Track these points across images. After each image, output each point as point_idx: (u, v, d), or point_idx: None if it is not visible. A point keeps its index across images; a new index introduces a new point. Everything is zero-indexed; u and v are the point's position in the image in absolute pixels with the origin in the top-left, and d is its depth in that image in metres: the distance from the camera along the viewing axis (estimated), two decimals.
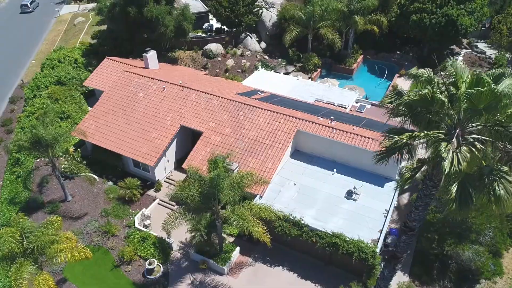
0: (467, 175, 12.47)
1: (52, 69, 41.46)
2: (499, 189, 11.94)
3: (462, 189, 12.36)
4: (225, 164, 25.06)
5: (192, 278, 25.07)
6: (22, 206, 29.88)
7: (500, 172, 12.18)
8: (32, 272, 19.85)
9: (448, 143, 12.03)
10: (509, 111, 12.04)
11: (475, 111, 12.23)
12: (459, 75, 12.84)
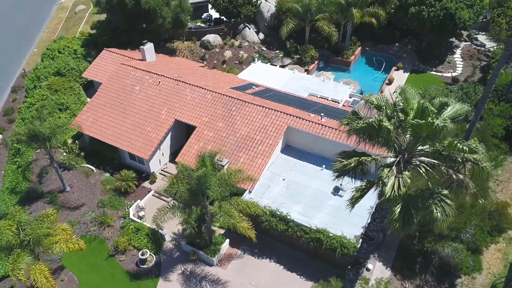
0: (411, 197, 13.16)
1: (52, 60, 42.15)
2: (437, 212, 12.73)
3: (406, 210, 13.09)
4: (216, 160, 25.91)
5: (183, 268, 26.24)
6: (22, 196, 31.09)
7: (440, 195, 12.96)
8: (29, 262, 21.07)
9: (390, 169, 12.70)
10: (446, 142, 12.71)
11: (419, 138, 12.83)
12: (408, 101, 13.38)
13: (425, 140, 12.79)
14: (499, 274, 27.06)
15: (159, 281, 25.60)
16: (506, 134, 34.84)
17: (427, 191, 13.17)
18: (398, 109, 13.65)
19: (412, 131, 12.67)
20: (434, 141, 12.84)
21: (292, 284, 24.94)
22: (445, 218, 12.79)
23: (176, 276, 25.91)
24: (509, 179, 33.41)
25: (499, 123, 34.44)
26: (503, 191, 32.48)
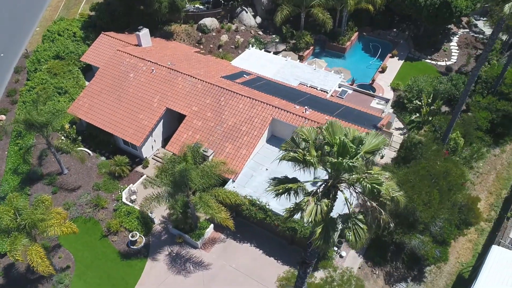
0: (331, 219, 14.49)
1: (52, 42, 43.28)
2: (349, 234, 14.27)
3: (326, 231, 14.50)
4: (201, 150, 27.45)
5: (170, 250, 28.34)
6: (23, 177, 33.16)
7: (355, 219, 14.41)
8: (26, 244, 23.16)
9: (309, 197, 14.01)
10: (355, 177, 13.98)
11: (338, 171, 14.02)
12: (334, 135, 14.42)
13: (340, 173, 14.03)
14: (467, 263, 28.72)
15: (147, 261, 27.80)
16: (491, 127, 35.52)
17: (344, 216, 14.60)
18: (323, 142, 14.79)
19: (330, 166, 13.89)
20: (349, 174, 14.07)
21: (269, 268, 26.91)
22: (358, 239, 14.31)
23: (163, 257, 28.05)
24: (489, 171, 34.42)
25: (484, 116, 35.06)
26: (481, 183, 33.61)
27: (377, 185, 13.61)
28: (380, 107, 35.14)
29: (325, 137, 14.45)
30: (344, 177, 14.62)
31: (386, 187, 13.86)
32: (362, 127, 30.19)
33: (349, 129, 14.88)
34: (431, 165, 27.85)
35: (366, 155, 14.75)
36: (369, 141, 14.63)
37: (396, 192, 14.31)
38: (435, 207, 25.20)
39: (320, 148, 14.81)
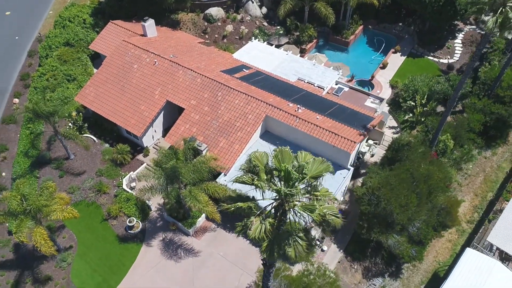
0: (277, 235, 15.95)
1: (62, 29, 44.92)
2: (289, 251, 16.05)
3: (271, 246, 16.01)
4: (196, 145, 29.14)
5: (164, 236, 30.55)
6: (33, 161, 35.54)
7: (296, 236, 15.92)
8: (31, 226, 25.57)
9: (254, 218, 15.50)
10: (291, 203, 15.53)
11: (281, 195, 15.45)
12: (282, 162, 15.66)
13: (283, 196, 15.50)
14: (443, 262, 30.15)
15: (142, 246, 30.11)
16: (485, 129, 36.05)
17: (286, 233, 16.16)
18: (272, 168, 16.10)
19: (275, 190, 15.29)
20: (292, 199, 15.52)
21: (253, 257, 28.83)
22: (297, 254, 15.91)
23: (157, 242, 30.30)
24: (478, 173, 35.23)
25: (477, 118, 35.57)
26: (469, 185, 34.55)
27: (309, 211, 15.05)
28: (374, 106, 35.92)
29: (274, 162, 15.85)
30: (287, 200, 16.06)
31: (318, 213, 15.28)
32: (352, 127, 31.28)
33: (302, 154, 16.39)
34: (415, 168, 28.92)
35: (311, 180, 16.12)
36: (314, 167, 15.97)
37: (333, 215, 15.72)
38: (412, 210, 26.46)
39: (270, 173, 16.22)
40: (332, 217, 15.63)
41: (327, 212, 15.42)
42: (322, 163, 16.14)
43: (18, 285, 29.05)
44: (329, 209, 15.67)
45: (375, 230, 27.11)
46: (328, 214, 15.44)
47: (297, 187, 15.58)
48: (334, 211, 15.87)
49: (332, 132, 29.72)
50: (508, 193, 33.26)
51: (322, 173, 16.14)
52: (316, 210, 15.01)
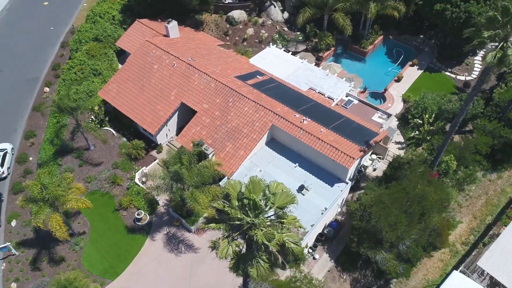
0: (241, 255, 17.41)
1: (93, 24, 47.55)
2: (251, 270, 17.44)
3: (237, 264, 17.49)
4: (203, 148, 31.11)
5: (168, 230, 32.83)
6: (57, 149, 38.54)
7: (258, 258, 17.38)
8: (48, 213, 28.34)
9: (221, 240, 17.00)
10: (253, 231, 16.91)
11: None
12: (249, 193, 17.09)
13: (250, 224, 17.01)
14: (432, 281, 31.01)
15: (147, 238, 32.53)
16: (492, 152, 36.10)
17: (250, 254, 17.66)
18: (243, 197, 17.54)
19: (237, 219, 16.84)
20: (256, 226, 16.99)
21: None
22: (259, 274, 17.38)
23: (161, 235, 32.63)
24: (480, 196, 35.50)
25: (485, 141, 35.65)
26: (469, 207, 34.93)
27: (267, 240, 16.50)
28: (380, 121, 36.62)
29: (244, 192, 17.38)
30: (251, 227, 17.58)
31: (276, 241, 16.70)
32: (354, 143, 32.27)
33: (274, 184, 17.90)
34: (411, 187, 29.74)
35: (277, 209, 17.55)
36: (282, 199, 17.38)
37: (293, 243, 17.12)
38: (402, 229, 27.43)
39: (241, 200, 17.73)
40: (292, 245, 17.08)
41: (287, 240, 16.91)
42: (288, 195, 17.56)
43: (35, 262, 32.16)
44: (290, 237, 17.13)
45: (364, 245, 28.30)
46: (288, 242, 16.93)
47: (261, 216, 17.11)
48: (295, 239, 17.32)
49: (333, 147, 30.86)
50: (507, 218, 33.51)
51: (287, 204, 17.58)
52: (275, 238, 16.51)
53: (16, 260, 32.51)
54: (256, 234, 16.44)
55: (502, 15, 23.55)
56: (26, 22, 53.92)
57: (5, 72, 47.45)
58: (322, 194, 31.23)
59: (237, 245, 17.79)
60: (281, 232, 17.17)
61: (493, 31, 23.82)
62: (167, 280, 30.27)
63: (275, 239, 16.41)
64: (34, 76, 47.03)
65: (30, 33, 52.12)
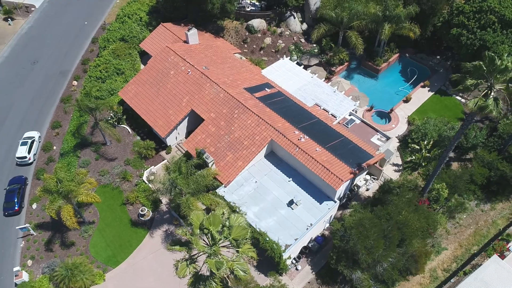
0: (197, 276, 19.59)
1: (121, 24, 50.67)
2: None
3: (194, 283, 19.76)
4: (204, 157, 33.69)
5: (167, 228, 35.86)
6: (78, 142, 42.25)
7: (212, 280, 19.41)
8: (61, 204, 31.89)
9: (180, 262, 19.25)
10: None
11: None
12: (210, 225, 19.09)
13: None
14: None
15: (148, 233, 35.69)
16: (488, 183, 36.62)
17: (204, 277, 19.90)
18: (204, 227, 19.66)
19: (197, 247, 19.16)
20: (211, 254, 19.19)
21: None
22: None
23: (161, 232, 35.71)
24: (469, 225, 36.27)
25: (481, 172, 36.18)
26: (456, 235, 35.84)
27: (216, 268, 18.64)
28: (379, 143, 37.76)
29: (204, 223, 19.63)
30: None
31: (224, 269, 18.83)
32: (346, 164, 33.81)
33: (234, 217, 20.01)
34: (396, 213, 31.12)
35: (232, 241, 19.67)
36: (237, 231, 19.48)
37: (241, 271, 19.23)
38: (378, 253, 29.04)
39: (203, 229, 19.97)
40: (240, 273, 19.26)
41: (236, 268, 19.11)
42: (243, 229, 19.71)
43: (49, 243, 36.11)
44: (240, 265, 19.32)
45: (342, 263, 30.15)
46: (237, 270, 19.13)
47: (217, 245, 19.37)
48: (243, 267, 19.49)
49: (324, 167, 32.57)
50: (493, 250, 34.21)
51: (241, 237, 19.71)
52: (223, 267, 18.75)
53: (34, 240, 36.56)
54: (207, 262, 18.80)
55: (489, 65, 24.30)
56: (64, 15, 57.89)
57: (40, 63, 51.59)
58: (310, 210, 33.13)
59: (195, 267, 20.24)
60: (233, 260, 19.43)
61: (476, 80, 24.60)
62: (160, 273, 33.34)
63: (223, 268, 18.71)
64: (65, 69, 50.87)
65: (66, 26, 56.03)
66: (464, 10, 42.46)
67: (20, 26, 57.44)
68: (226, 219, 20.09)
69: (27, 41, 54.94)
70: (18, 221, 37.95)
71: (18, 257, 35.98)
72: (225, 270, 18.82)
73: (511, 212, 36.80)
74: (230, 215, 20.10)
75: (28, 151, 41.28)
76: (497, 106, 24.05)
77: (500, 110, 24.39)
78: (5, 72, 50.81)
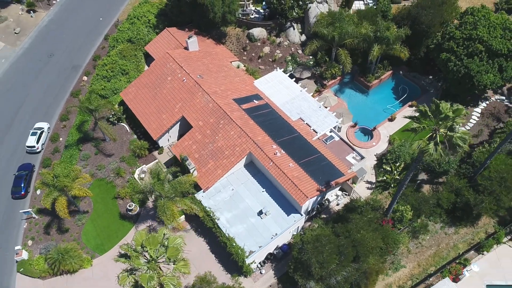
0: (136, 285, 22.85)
1: (131, 25, 53.90)
2: None
3: None
4: (186, 163, 37.00)
5: (151, 223, 39.62)
6: (80, 136, 46.32)
7: None
8: (56, 197, 36.03)
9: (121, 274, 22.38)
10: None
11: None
12: (149, 245, 22.10)
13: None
14: None
15: (133, 226, 39.58)
16: (454, 208, 38.45)
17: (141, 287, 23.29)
18: (143, 246, 22.77)
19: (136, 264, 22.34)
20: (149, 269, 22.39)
21: (207, 260, 36.73)
22: None
23: (144, 226, 39.51)
24: (431, 246, 38.37)
25: (447, 197, 38.05)
26: (417, 254, 38.06)
27: (147, 282, 21.79)
28: (353, 162, 39.96)
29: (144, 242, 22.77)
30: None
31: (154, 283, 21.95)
32: (315, 181, 36.37)
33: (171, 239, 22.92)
34: (355, 231, 33.65)
35: (167, 259, 22.76)
36: (172, 252, 22.57)
37: (172, 285, 22.36)
38: (331, 268, 31.80)
39: (142, 247, 23.13)
40: (170, 287, 22.47)
41: (167, 283, 22.32)
42: (177, 250, 22.83)
43: (48, 227, 40.59)
44: (170, 280, 22.51)
45: (298, 273, 33.10)
46: (167, 284, 22.35)
47: (151, 263, 22.58)
48: (173, 282, 22.69)
49: (293, 183, 35.25)
50: (448, 272, 36.33)
51: (174, 257, 22.81)
52: (153, 281, 21.97)
53: (35, 223, 41.14)
54: (140, 276, 22.17)
55: (435, 110, 26.12)
56: (82, 10, 61.35)
57: (56, 57, 55.63)
58: (278, 221, 36.06)
59: (134, 278, 23.68)
60: (166, 275, 22.71)
61: (421, 125, 26.46)
62: None
63: (152, 282, 22.00)
64: (77, 63, 54.72)
65: (82, 20, 59.54)
66: (455, 35, 43.32)
67: (41, 19, 61.53)
68: (166, 239, 23.33)
69: (46, 33, 58.98)
70: (24, 204, 42.61)
71: (21, 237, 40.68)
72: (155, 285, 22.16)
73: (473, 238, 38.57)
74: (169, 237, 23.33)
75: (37, 141, 45.65)
76: (436, 151, 25.94)
77: (441, 154, 26.25)
78: (24, 63, 55.15)
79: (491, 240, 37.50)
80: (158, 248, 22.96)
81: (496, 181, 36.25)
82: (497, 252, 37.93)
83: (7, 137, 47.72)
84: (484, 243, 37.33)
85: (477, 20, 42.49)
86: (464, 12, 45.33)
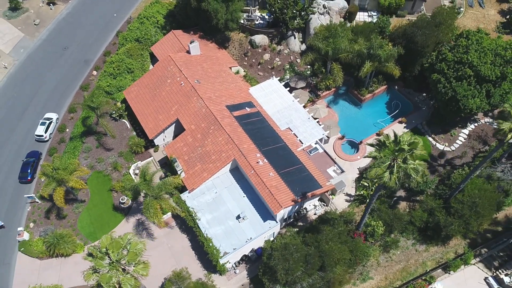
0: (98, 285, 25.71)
1: (140, 24, 56.55)
2: None
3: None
4: (175, 165, 39.79)
5: (140, 217, 42.80)
6: (85, 129, 49.69)
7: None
8: (55, 187, 39.52)
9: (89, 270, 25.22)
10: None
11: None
12: (112, 249, 24.70)
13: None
14: None
15: (124, 218, 42.85)
16: (426, 227, 40.02)
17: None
18: (107, 250, 25.44)
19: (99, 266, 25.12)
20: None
21: (187, 256, 39.69)
22: None
23: (134, 220, 42.75)
24: (400, 261, 40.17)
25: (419, 215, 39.65)
26: (386, 268, 39.97)
27: (105, 282, 24.49)
28: (333, 174, 41.82)
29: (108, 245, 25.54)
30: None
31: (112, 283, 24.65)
32: (292, 192, 38.51)
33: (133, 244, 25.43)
34: (324, 241, 35.83)
35: (127, 262, 25.41)
36: (132, 256, 25.23)
37: (129, 285, 25.07)
38: (296, 274, 34.17)
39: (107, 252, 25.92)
40: (128, 287, 25.23)
41: (124, 283, 25.10)
42: (136, 255, 25.51)
43: (49, 212, 44.32)
44: (128, 280, 25.28)
45: (266, 277, 35.65)
46: (125, 284, 25.12)
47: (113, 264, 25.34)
48: (131, 283, 25.39)
49: (270, 192, 37.53)
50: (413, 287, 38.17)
51: (133, 261, 25.51)
52: (112, 281, 24.75)
53: (38, 207, 44.94)
54: (100, 276, 25.09)
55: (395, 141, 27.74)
56: (98, 4, 64.10)
57: (70, 50, 58.95)
58: (254, 226, 38.54)
59: (97, 276, 26.61)
60: (125, 275, 25.55)
61: (378, 154, 28.12)
62: None
63: (112, 281, 24.85)
64: (89, 58, 57.89)
65: (98, 15, 62.44)
66: (447, 58, 44.09)
67: (60, 11, 64.89)
68: (129, 244, 26.15)
69: (63, 26, 62.28)
70: (29, 189, 46.46)
71: (24, 219, 44.59)
72: (113, 284, 25.03)
73: (442, 257, 40.11)
74: (132, 242, 26.15)
75: (45, 131, 49.26)
76: (390, 180, 27.65)
77: (395, 183, 27.95)
78: (41, 55, 58.65)
79: (459, 261, 38.97)
80: (120, 252, 25.91)
81: (468, 205, 37.53)
82: (465, 272, 39.42)
83: (20, 124, 51.50)
84: (452, 263, 38.85)
85: (469, 44, 43.09)
86: (459, 34, 45.86)
